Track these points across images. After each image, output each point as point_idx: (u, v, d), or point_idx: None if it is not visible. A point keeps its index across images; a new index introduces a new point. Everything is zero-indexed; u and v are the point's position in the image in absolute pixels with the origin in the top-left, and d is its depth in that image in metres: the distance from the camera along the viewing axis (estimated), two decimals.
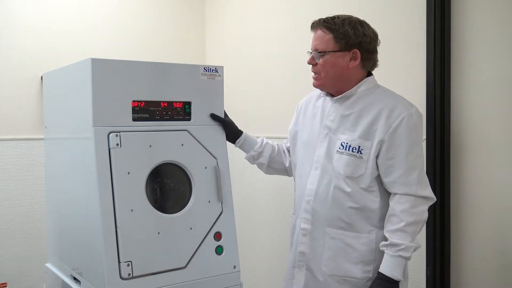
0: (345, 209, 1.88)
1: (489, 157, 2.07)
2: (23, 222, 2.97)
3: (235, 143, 2.24)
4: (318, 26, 1.95)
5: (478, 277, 2.12)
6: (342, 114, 1.92)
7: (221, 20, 3.56)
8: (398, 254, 1.78)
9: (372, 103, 1.89)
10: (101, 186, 1.87)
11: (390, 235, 1.81)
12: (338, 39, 1.89)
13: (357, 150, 1.86)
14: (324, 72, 1.92)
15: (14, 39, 2.96)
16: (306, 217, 1.97)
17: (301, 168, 2.05)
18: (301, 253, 1.99)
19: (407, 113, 1.83)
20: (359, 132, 1.87)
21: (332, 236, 1.91)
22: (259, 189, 3.19)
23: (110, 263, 1.85)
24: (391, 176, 1.84)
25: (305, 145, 2.05)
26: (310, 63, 1.96)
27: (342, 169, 1.88)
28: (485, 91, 2.07)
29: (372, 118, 1.86)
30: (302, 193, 2.01)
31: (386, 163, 1.84)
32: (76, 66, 2.04)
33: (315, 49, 1.93)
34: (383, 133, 1.83)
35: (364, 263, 1.88)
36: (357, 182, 1.87)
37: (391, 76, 2.03)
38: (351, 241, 1.89)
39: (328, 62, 1.91)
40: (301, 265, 1.99)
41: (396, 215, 1.81)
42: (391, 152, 1.83)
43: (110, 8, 3.30)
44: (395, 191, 1.84)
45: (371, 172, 1.86)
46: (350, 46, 1.89)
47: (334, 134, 1.93)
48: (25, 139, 2.99)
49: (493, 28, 2.05)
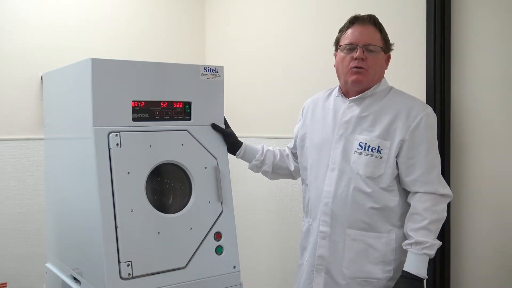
0: (365, 209, 1.88)
1: (489, 156, 2.07)
2: (23, 222, 2.97)
3: (235, 155, 2.22)
4: (368, 22, 1.92)
5: (478, 277, 2.12)
6: (359, 115, 1.92)
7: (221, 20, 3.56)
8: (423, 252, 1.79)
9: (389, 104, 1.91)
10: (101, 186, 1.87)
11: (414, 233, 1.81)
12: (384, 40, 1.93)
13: (376, 150, 1.87)
14: (373, 69, 1.91)
15: (14, 39, 2.96)
16: (324, 219, 1.95)
17: (314, 171, 2.03)
18: (320, 256, 1.96)
19: (424, 113, 1.86)
20: (378, 132, 1.87)
21: (353, 238, 1.90)
22: (259, 189, 3.18)
23: (110, 263, 1.85)
24: (412, 175, 1.85)
25: (317, 147, 2.03)
26: (361, 57, 1.88)
27: (362, 170, 1.88)
28: (485, 90, 2.07)
29: (390, 119, 1.87)
30: (318, 195, 1.98)
31: (407, 162, 1.85)
32: (76, 66, 2.04)
33: (367, 44, 1.89)
34: (404, 132, 1.85)
35: (385, 263, 1.88)
36: (377, 182, 1.87)
37: (391, 76, 2.03)
38: (373, 241, 1.89)
39: (379, 61, 1.92)
40: (320, 268, 1.97)
41: (418, 213, 1.82)
42: (412, 151, 1.85)
43: (110, 8, 3.30)
44: (416, 189, 1.85)
45: (392, 171, 1.87)
46: (388, 48, 1.96)
47: (350, 135, 1.92)
48: (25, 139, 2.98)
49: (493, 28, 2.05)
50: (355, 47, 1.90)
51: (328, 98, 2.08)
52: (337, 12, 2.58)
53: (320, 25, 2.77)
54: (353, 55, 1.90)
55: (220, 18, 3.57)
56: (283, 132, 2.94)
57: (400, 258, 1.87)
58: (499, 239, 2.06)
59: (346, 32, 1.95)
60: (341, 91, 2.02)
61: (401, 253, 1.87)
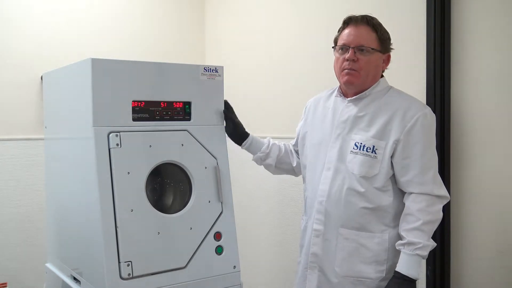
0: (358, 209, 1.88)
1: (489, 157, 2.07)
2: (23, 222, 2.97)
3: (241, 145, 2.23)
4: (361, 22, 1.91)
5: (478, 277, 2.12)
6: (356, 115, 1.92)
7: (221, 20, 3.56)
8: (415, 253, 1.79)
9: (386, 104, 1.90)
10: (101, 186, 1.87)
11: (407, 234, 1.81)
12: (381, 40, 1.91)
13: (371, 150, 1.86)
14: (366, 70, 1.90)
15: (14, 39, 2.96)
16: (318, 218, 1.97)
17: (312, 169, 2.04)
18: (313, 254, 1.98)
19: (421, 113, 1.85)
20: (373, 132, 1.87)
21: (345, 237, 1.91)
22: (259, 189, 3.18)
23: (110, 263, 1.85)
24: (407, 175, 1.85)
25: (315, 146, 2.04)
26: (352, 58, 1.88)
27: (357, 169, 1.88)
28: (485, 90, 2.07)
29: (386, 119, 1.87)
30: (314, 194, 2.00)
31: (401, 162, 1.85)
32: (76, 66, 2.04)
33: (359, 45, 1.88)
34: (399, 132, 1.84)
35: (378, 263, 1.88)
36: (371, 182, 1.87)
37: (391, 76, 2.04)
38: (365, 241, 1.89)
39: (372, 61, 1.90)
40: (313, 266, 1.98)
41: (412, 214, 1.82)
42: (407, 152, 1.84)
43: (110, 8, 3.30)
44: (411, 190, 1.85)
45: (386, 172, 1.87)
46: (386, 48, 1.94)
47: (347, 135, 1.93)
48: (25, 139, 2.98)
49: (493, 27, 2.05)
50: (348, 48, 1.90)
51: (329, 97, 2.08)
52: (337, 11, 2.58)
53: (320, 25, 2.78)
54: (345, 56, 1.90)
55: (220, 18, 3.57)
56: (284, 132, 2.94)
57: (393, 259, 1.87)
58: (499, 239, 2.06)
59: (341, 33, 1.96)
60: (340, 91, 2.03)
61: (394, 253, 1.86)
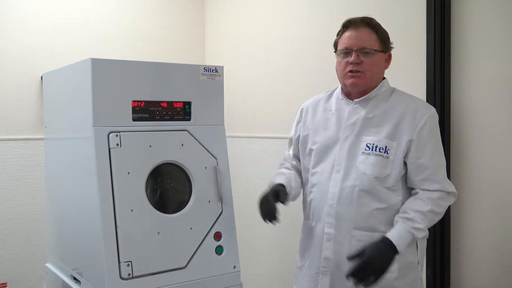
0: (371, 210, 1.88)
1: (489, 156, 2.07)
2: (23, 222, 2.96)
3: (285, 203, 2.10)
4: (361, 25, 1.91)
5: (478, 277, 2.12)
6: (365, 117, 1.92)
7: (221, 20, 3.56)
8: (411, 231, 1.80)
9: (394, 105, 1.92)
10: (101, 186, 1.87)
11: (412, 212, 1.82)
12: (381, 40, 1.92)
13: (384, 151, 1.87)
14: (371, 72, 1.91)
15: (15, 39, 2.96)
16: (329, 221, 1.94)
17: (319, 173, 2.01)
18: (326, 258, 1.95)
19: (429, 114, 1.88)
20: (385, 133, 1.88)
21: (359, 239, 1.89)
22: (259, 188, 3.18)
23: (110, 263, 1.85)
24: (422, 174, 1.86)
25: (320, 149, 2.01)
26: (356, 61, 1.88)
27: (370, 170, 1.88)
28: (485, 90, 2.07)
29: (396, 120, 1.89)
30: (323, 197, 1.97)
31: (416, 162, 1.87)
32: (76, 66, 2.04)
33: (361, 48, 1.89)
34: (411, 132, 1.86)
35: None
36: (382, 182, 1.88)
37: (391, 76, 2.03)
38: None
39: (376, 62, 1.91)
40: (325, 271, 1.95)
41: (423, 200, 1.84)
42: (420, 151, 1.86)
43: (110, 8, 3.30)
44: (426, 187, 1.87)
45: (398, 172, 1.88)
46: (387, 47, 1.95)
47: (357, 136, 1.92)
48: (25, 139, 2.98)
49: (493, 27, 2.05)
50: (350, 52, 1.90)
51: (329, 99, 2.07)
52: (337, 11, 2.58)
53: (320, 25, 2.77)
54: (349, 59, 1.90)
55: (220, 18, 3.57)
56: (283, 132, 2.93)
57: (404, 257, 1.86)
58: (499, 239, 2.06)
59: (341, 37, 1.96)
60: (343, 93, 2.02)
61: (405, 252, 1.86)
